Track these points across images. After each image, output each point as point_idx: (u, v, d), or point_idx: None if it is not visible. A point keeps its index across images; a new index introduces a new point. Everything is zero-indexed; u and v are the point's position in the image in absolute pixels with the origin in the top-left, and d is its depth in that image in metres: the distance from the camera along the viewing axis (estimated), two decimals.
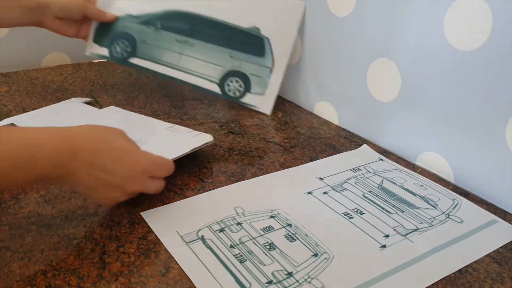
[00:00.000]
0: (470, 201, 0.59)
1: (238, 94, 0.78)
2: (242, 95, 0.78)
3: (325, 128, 0.78)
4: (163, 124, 0.70)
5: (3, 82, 0.86)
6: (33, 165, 0.42)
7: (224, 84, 0.77)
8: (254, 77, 0.77)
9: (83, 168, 0.45)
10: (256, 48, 0.78)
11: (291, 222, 0.52)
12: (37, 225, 0.49)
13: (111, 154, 0.47)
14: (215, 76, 0.78)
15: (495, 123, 0.58)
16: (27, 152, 0.41)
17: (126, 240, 0.48)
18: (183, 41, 0.78)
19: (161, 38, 0.79)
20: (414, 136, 0.68)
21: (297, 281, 0.44)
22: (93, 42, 0.81)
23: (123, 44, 0.79)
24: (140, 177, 0.50)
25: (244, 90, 0.77)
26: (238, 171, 0.63)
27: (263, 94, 0.78)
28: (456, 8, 0.59)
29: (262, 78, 0.77)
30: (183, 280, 0.43)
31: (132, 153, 0.49)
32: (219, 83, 0.78)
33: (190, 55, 0.78)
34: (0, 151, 0.40)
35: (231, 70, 0.77)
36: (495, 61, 0.56)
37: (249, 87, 0.78)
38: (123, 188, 0.48)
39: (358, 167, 0.65)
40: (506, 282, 0.46)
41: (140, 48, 0.79)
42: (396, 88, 0.69)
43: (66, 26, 0.76)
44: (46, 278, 0.42)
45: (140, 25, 0.79)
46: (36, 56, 0.98)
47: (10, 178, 0.41)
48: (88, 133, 0.47)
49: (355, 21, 0.73)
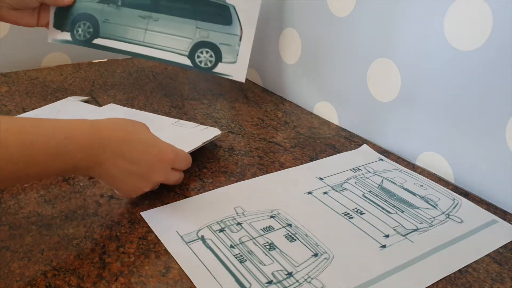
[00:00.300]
0: (470, 201, 0.59)
1: (210, 64, 0.76)
2: (214, 65, 0.77)
3: (325, 128, 0.78)
4: (168, 119, 0.70)
5: (3, 82, 0.86)
6: (65, 155, 0.43)
7: (194, 56, 0.76)
8: (223, 46, 0.76)
9: (110, 158, 0.46)
10: (222, 17, 0.76)
11: (291, 222, 0.52)
12: (37, 225, 0.49)
13: (138, 144, 0.48)
14: (183, 48, 0.77)
15: (495, 123, 0.58)
16: (61, 143, 0.42)
17: (126, 240, 0.48)
18: (147, 16, 0.76)
19: (124, 15, 0.77)
20: (414, 136, 0.68)
21: (297, 281, 0.44)
22: (54, 28, 0.78)
23: (84, 26, 0.77)
24: (164, 168, 0.51)
25: (215, 60, 0.76)
26: (238, 171, 0.63)
27: (235, 62, 0.76)
28: (456, 8, 0.59)
29: (232, 46, 0.75)
30: (183, 280, 0.43)
31: (157, 144, 0.51)
32: (188, 55, 0.76)
33: (156, 30, 0.76)
34: (38, 141, 0.41)
35: (199, 41, 0.76)
36: (495, 61, 0.56)
37: (220, 57, 0.76)
38: (148, 178, 0.50)
39: (358, 167, 0.65)
40: (506, 282, 0.46)
41: (103, 27, 0.77)
42: (396, 88, 0.69)
43: (24, 16, 0.74)
44: (46, 278, 0.42)
45: (100, 4, 0.77)
46: (36, 56, 0.98)
47: (44, 168, 0.42)
48: (115, 124, 0.48)
49: (355, 21, 0.73)
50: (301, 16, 0.82)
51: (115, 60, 1.05)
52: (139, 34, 0.77)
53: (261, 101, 0.87)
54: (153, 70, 1.00)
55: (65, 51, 1.01)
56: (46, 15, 0.77)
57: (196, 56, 0.75)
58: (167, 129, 0.66)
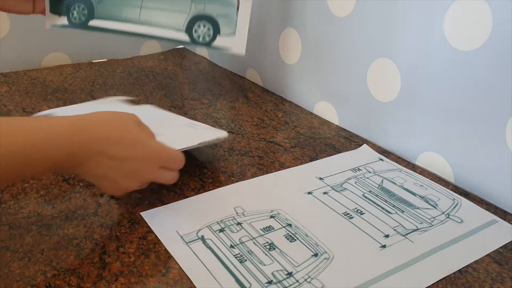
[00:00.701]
0: (470, 201, 0.59)
1: (208, 38, 0.73)
2: (213, 39, 0.73)
3: (325, 128, 0.78)
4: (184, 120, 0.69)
5: (3, 82, 0.86)
6: (46, 155, 0.42)
7: (192, 31, 0.72)
8: (221, 18, 0.72)
9: (93, 158, 0.45)
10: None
11: (291, 222, 0.52)
12: (37, 225, 0.49)
13: (122, 143, 0.47)
14: (180, 23, 0.73)
15: (495, 123, 0.58)
16: (42, 143, 0.42)
17: (126, 240, 0.48)
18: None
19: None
20: (414, 136, 0.68)
21: (297, 281, 0.44)
22: (51, 14, 0.76)
23: (79, 8, 0.75)
24: (151, 166, 0.50)
25: (214, 33, 0.72)
26: (238, 171, 0.63)
27: (234, 34, 0.73)
28: (456, 8, 0.59)
29: (229, 17, 0.72)
30: (183, 280, 0.43)
31: (144, 142, 0.49)
32: (186, 30, 0.73)
33: (150, 7, 0.74)
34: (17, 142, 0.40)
35: (196, 15, 0.72)
36: (495, 61, 0.56)
37: (218, 29, 0.73)
38: (134, 177, 0.48)
39: (358, 167, 0.65)
40: (506, 282, 0.46)
41: (98, 8, 0.75)
42: (396, 88, 0.69)
43: (19, 3, 0.71)
44: (46, 278, 0.42)
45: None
46: (36, 56, 0.98)
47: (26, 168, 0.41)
48: (100, 122, 0.47)
49: (355, 21, 0.73)
50: (301, 16, 0.82)
51: (115, 60, 1.05)
52: (134, 12, 0.74)
53: (261, 101, 0.87)
54: (153, 70, 1.00)
55: (65, 51, 1.01)
56: (41, 1, 0.75)
57: (193, 31, 0.72)
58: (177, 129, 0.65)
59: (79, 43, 1.02)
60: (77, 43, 1.01)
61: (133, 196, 0.55)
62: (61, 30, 0.97)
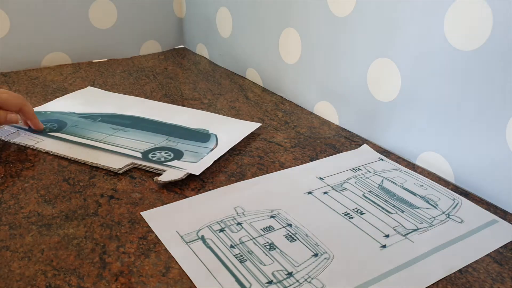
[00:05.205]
0: (470, 201, 0.59)
1: (164, 159, 0.62)
2: (169, 161, 0.62)
3: (325, 128, 0.78)
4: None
5: (3, 82, 0.86)
6: None
7: (148, 155, 0.63)
8: (189, 152, 0.65)
9: None
10: (200, 139, 0.69)
11: (291, 222, 0.52)
12: (37, 225, 0.49)
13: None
14: (140, 148, 0.65)
15: (495, 123, 0.58)
16: None
17: (126, 240, 0.48)
18: (119, 128, 0.70)
19: (96, 126, 0.71)
20: (414, 136, 0.68)
21: (297, 281, 0.44)
22: None
23: (50, 125, 0.70)
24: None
25: (173, 158, 0.63)
26: (238, 171, 0.63)
27: (196, 162, 0.62)
28: (456, 8, 0.59)
29: (198, 153, 0.64)
30: (183, 280, 0.43)
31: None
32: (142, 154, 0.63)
33: (121, 136, 0.68)
34: None
35: (162, 146, 0.66)
36: (495, 61, 0.56)
37: (180, 157, 0.63)
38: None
39: (358, 167, 0.65)
40: (506, 282, 0.46)
41: (68, 128, 0.69)
42: (396, 88, 0.69)
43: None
44: (46, 278, 0.42)
45: (79, 118, 0.73)
46: (36, 56, 0.98)
47: None
48: None
49: (355, 21, 0.73)
50: (301, 16, 0.82)
51: (115, 60, 1.05)
52: (101, 136, 0.68)
53: (261, 101, 0.87)
54: (153, 70, 1.00)
55: (65, 51, 1.01)
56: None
57: (150, 155, 0.63)
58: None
59: (79, 43, 1.02)
60: (77, 43, 1.01)
61: (133, 196, 0.55)
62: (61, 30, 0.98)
